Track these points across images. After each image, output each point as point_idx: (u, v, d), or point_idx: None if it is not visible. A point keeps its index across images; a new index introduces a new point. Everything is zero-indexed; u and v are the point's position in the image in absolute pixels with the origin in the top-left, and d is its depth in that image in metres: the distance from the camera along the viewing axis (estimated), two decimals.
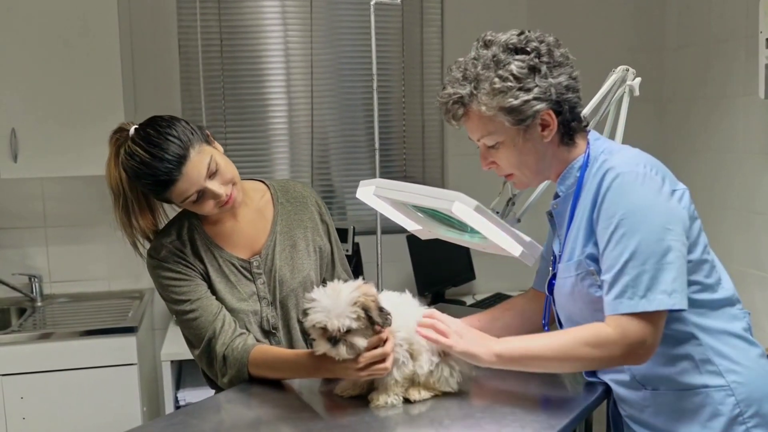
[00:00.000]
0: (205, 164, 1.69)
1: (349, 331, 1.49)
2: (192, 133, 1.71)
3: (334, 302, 1.49)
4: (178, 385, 2.96)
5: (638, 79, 1.93)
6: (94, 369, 2.75)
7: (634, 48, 3.58)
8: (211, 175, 1.71)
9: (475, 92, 1.53)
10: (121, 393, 2.78)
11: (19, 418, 2.70)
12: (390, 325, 1.54)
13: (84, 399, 2.74)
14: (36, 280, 3.15)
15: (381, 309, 1.52)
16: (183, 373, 3.03)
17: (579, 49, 1.44)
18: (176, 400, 2.88)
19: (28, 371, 2.70)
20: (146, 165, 1.67)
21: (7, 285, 3.11)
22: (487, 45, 1.56)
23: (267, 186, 1.95)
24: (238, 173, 1.78)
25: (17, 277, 3.15)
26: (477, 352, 1.53)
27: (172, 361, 2.84)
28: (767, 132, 3.01)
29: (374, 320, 1.50)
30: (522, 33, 1.56)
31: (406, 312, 1.61)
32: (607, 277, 1.47)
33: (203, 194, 1.71)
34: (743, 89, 3.12)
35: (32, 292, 3.15)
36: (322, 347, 1.52)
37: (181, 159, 1.67)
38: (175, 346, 2.85)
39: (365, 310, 1.50)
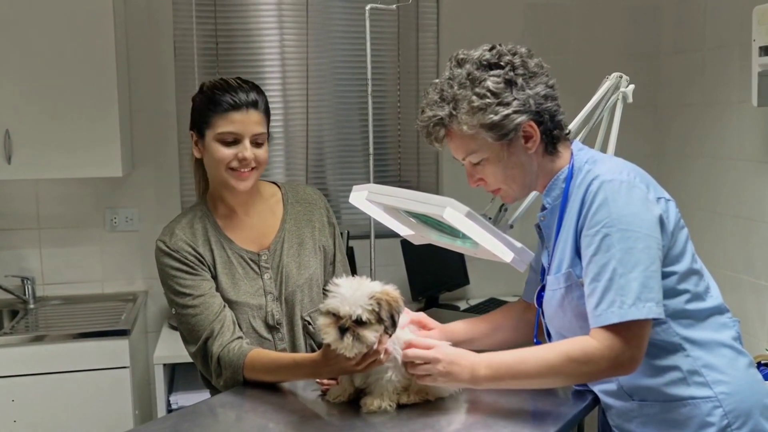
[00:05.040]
0: (259, 131, 1.81)
1: (359, 323, 1.48)
2: (267, 110, 1.86)
3: (353, 292, 1.49)
4: (171, 388, 2.95)
5: (632, 86, 1.94)
6: (86, 372, 2.74)
7: (628, 55, 3.59)
8: (255, 142, 1.81)
9: (454, 112, 1.53)
10: (114, 396, 2.77)
11: (10, 420, 2.69)
12: (392, 334, 1.53)
13: (76, 402, 2.73)
14: (29, 282, 3.14)
15: (393, 317, 1.50)
16: (175, 377, 3.02)
17: (574, 55, 1.45)
18: (168, 404, 2.87)
19: (20, 374, 2.69)
20: (229, 83, 1.81)
21: (0, 287, 3.10)
22: (460, 63, 1.55)
23: (279, 187, 2.01)
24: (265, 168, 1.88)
25: (10, 279, 3.14)
26: (461, 378, 1.53)
27: (164, 365, 2.83)
28: (760, 139, 3.02)
29: (382, 318, 1.48)
30: (493, 48, 1.56)
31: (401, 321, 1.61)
32: (593, 286, 1.45)
33: (235, 144, 1.79)
34: (736, 97, 3.13)
35: (25, 294, 3.14)
36: (330, 335, 1.50)
37: (255, 103, 1.80)
38: (168, 350, 2.84)
39: (379, 305, 1.49)
